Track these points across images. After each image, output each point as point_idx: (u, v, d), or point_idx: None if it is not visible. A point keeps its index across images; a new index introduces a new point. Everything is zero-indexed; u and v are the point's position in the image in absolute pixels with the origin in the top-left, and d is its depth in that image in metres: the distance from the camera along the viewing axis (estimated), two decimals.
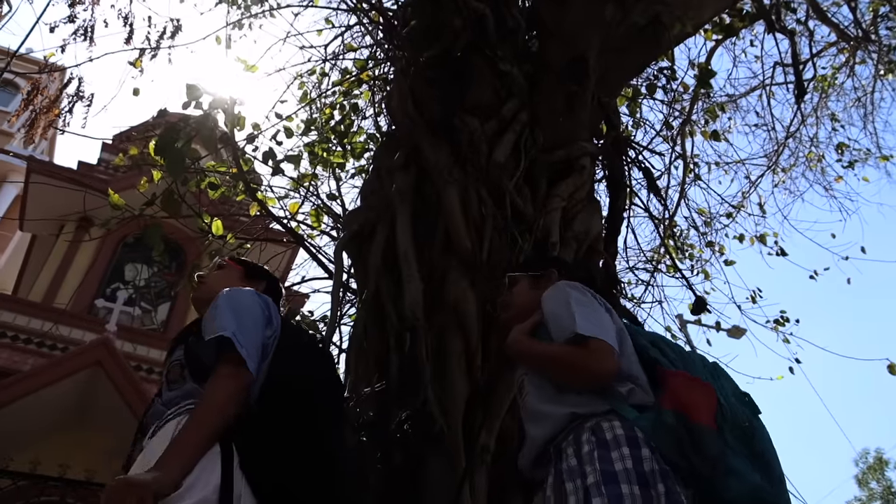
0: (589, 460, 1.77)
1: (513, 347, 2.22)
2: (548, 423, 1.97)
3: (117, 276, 10.45)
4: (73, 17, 4.97)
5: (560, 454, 1.86)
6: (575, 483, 1.74)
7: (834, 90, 9.36)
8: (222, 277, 2.57)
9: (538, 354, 2.12)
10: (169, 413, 2.03)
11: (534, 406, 2.05)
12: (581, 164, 3.78)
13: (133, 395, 6.94)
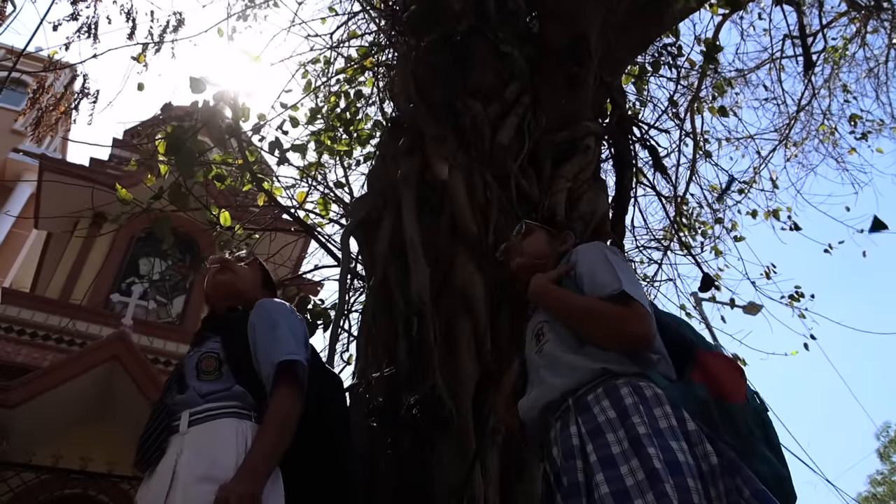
0: (636, 412, 1.70)
1: (542, 292, 2.11)
2: (572, 374, 1.88)
3: (132, 270, 10.54)
4: (76, 15, 4.98)
5: (585, 407, 1.79)
6: (616, 434, 1.67)
7: (846, 61, 9.24)
8: (249, 276, 2.59)
9: (573, 304, 2.01)
10: (211, 408, 2.03)
11: (556, 354, 1.96)
12: (585, 144, 3.76)
13: (150, 388, 7.00)
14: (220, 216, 4.29)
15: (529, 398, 1.98)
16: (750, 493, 1.58)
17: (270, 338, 2.15)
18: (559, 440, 1.79)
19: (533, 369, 2.03)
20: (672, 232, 7.45)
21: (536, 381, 1.98)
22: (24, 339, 8.68)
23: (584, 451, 1.68)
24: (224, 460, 1.86)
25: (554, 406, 1.88)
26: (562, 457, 1.74)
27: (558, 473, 1.74)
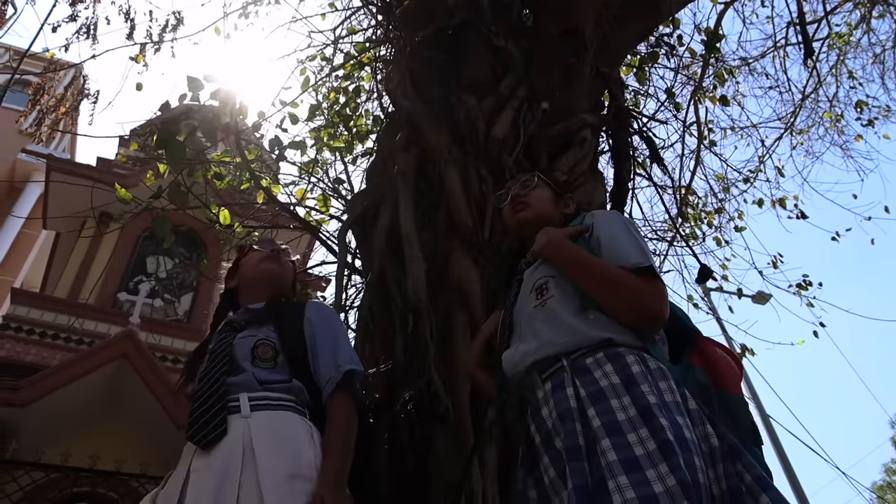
0: (644, 380, 1.62)
1: (559, 247, 1.98)
2: (572, 337, 1.79)
3: (139, 269, 10.60)
4: (74, 16, 5.00)
5: (583, 369, 1.70)
6: (621, 400, 1.59)
7: (851, 48, 9.17)
8: (291, 271, 2.62)
9: (594, 267, 1.88)
10: (269, 396, 2.05)
11: (559, 313, 1.86)
12: (581, 136, 3.75)
13: (158, 386, 7.04)
14: (219, 214, 4.30)
15: (517, 351, 1.89)
16: (752, 478, 1.54)
17: (334, 342, 2.20)
18: (551, 401, 1.70)
19: (527, 323, 1.93)
20: (677, 223, 7.44)
21: (529, 336, 1.89)
22: (34, 339, 8.76)
23: (584, 415, 1.60)
24: (306, 457, 1.90)
25: (544, 364, 1.80)
26: (556, 418, 1.65)
27: (548, 434, 1.67)
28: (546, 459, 1.64)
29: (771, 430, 10.25)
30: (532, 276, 2.06)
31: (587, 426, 1.57)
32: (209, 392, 2.01)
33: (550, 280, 1.96)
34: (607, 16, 4.01)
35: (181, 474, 1.87)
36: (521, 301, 2.03)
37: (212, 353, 2.17)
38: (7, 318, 8.92)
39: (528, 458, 1.74)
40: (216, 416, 1.95)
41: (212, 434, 1.90)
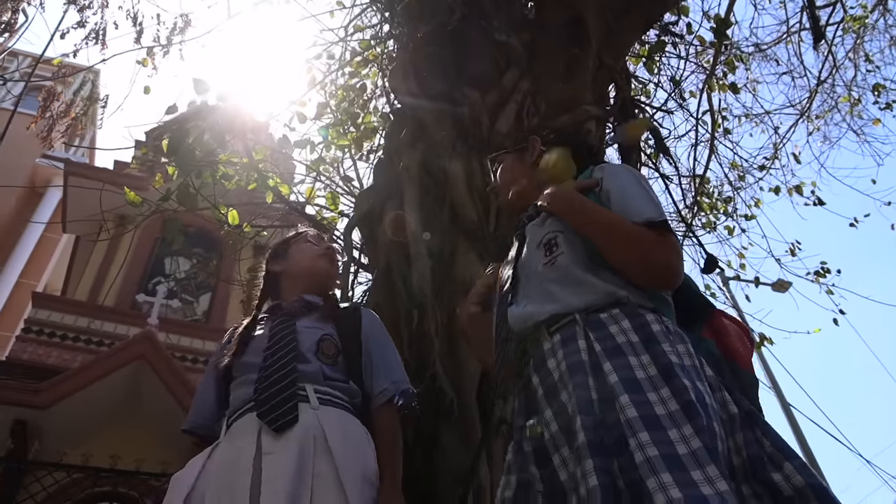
0: (665, 339, 1.54)
1: (568, 201, 1.85)
2: (588, 293, 1.68)
3: (158, 270, 10.70)
4: (83, 22, 5.05)
5: (598, 323, 1.61)
6: (640, 358, 1.49)
7: (867, 30, 9.04)
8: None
9: (607, 221, 1.76)
10: (332, 393, 2.10)
11: (571, 269, 1.74)
12: (586, 128, 3.73)
13: (177, 386, 7.11)
14: (227, 215, 4.34)
15: (526, 310, 1.77)
16: (772, 446, 1.46)
17: (390, 356, 2.32)
18: (560, 352, 1.60)
19: (536, 281, 1.82)
20: (693, 212, 7.38)
21: (540, 295, 1.77)
22: (55, 342, 8.87)
23: (598, 369, 1.49)
24: (371, 463, 1.99)
25: (553, 319, 1.69)
26: (565, 370, 1.55)
27: (553, 387, 1.57)
28: (549, 413, 1.55)
29: (792, 420, 10.14)
30: (538, 231, 1.94)
31: (602, 382, 1.46)
32: (281, 374, 2.04)
33: (560, 235, 1.84)
34: (610, 6, 3.98)
35: (247, 450, 1.87)
36: (526, 256, 1.92)
37: (274, 334, 2.19)
38: (28, 322, 9.04)
39: (526, 409, 1.65)
40: (288, 401, 1.97)
41: (285, 419, 1.92)
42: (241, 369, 2.16)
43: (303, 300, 2.38)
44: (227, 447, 1.95)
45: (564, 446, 1.47)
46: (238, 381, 2.15)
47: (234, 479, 1.81)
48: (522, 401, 1.68)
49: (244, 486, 1.77)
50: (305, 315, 2.31)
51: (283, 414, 1.93)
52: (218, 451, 1.95)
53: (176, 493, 1.87)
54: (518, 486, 1.54)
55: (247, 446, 1.89)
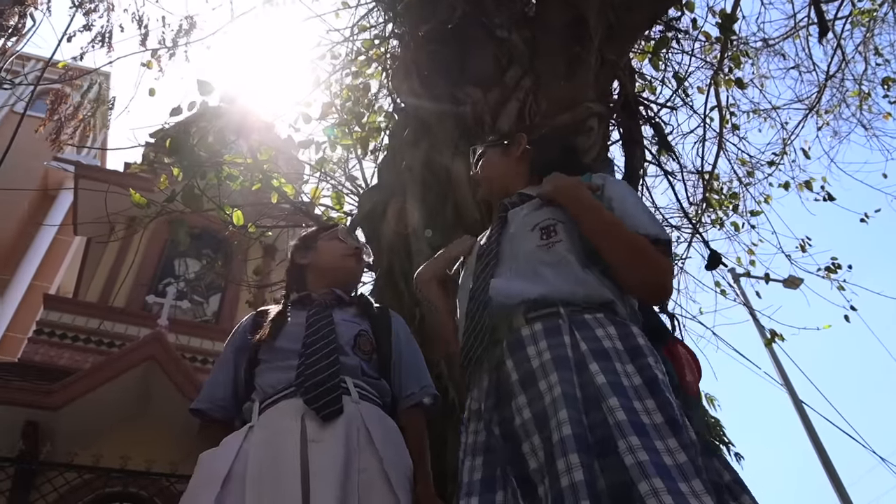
0: (650, 354, 1.56)
1: (577, 195, 1.85)
2: (580, 288, 1.69)
3: (168, 271, 10.75)
4: (89, 26, 5.08)
5: (583, 324, 1.61)
6: (625, 366, 1.50)
7: (877, 24, 8.97)
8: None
9: (614, 224, 1.77)
10: (368, 389, 2.11)
11: (569, 260, 1.75)
12: (588, 125, 3.71)
13: (187, 386, 7.13)
14: (233, 216, 4.35)
15: (511, 283, 1.76)
16: (731, 478, 1.48)
17: (419, 361, 2.35)
18: (542, 342, 1.59)
19: (525, 259, 1.81)
20: (701, 209, 7.35)
21: (529, 274, 1.76)
22: (66, 343, 8.93)
23: (583, 368, 1.50)
24: (408, 461, 2.00)
25: (536, 304, 1.68)
26: (548, 361, 1.53)
27: (531, 374, 1.55)
28: (522, 399, 1.53)
29: (805, 417, 10.08)
30: (530, 215, 1.93)
31: (587, 381, 1.47)
32: (325, 364, 2.03)
33: (560, 224, 1.83)
34: (612, 2, 3.96)
35: (292, 434, 1.86)
36: (514, 236, 1.90)
37: (312, 323, 2.18)
38: (40, 324, 9.10)
39: (497, 391, 1.63)
40: (333, 390, 1.97)
41: (333, 408, 1.92)
42: (274, 353, 2.15)
43: (334, 293, 2.39)
44: (267, 430, 1.92)
45: (535, 434, 1.46)
46: (270, 366, 2.13)
47: (280, 464, 1.79)
48: (493, 381, 1.65)
49: (293, 472, 1.76)
50: (338, 307, 2.33)
51: (331, 402, 1.93)
52: (256, 434, 1.91)
53: (209, 472, 1.83)
54: (485, 468, 1.54)
55: (291, 430, 1.87)
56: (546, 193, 1.93)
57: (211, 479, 1.80)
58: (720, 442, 13.25)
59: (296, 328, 2.20)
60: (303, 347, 2.09)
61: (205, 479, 1.82)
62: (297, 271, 2.55)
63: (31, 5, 5.16)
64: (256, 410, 2.01)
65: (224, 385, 2.25)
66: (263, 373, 2.13)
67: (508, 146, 2.29)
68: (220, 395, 2.23)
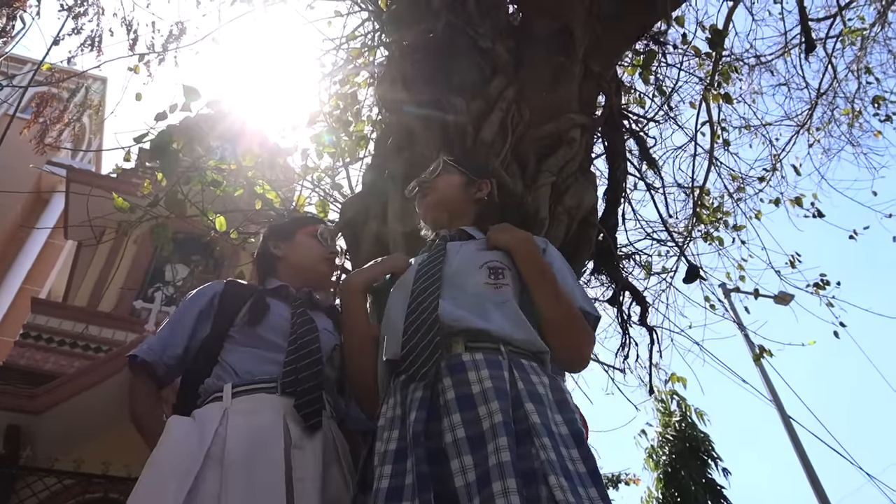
0: (575, 409, 1.70)
1: (533, 251, 1.97)
2: (521, 330, 1.78)
3: (158, 277, 10.74)
4: (78, 29, 5.08)
5: (520, 365, 1.70)
6: (553, 416, 1.61)
7: (868, 42, 9.01)
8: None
9: (561, 290, 1.90)
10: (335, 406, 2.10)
11: (513, 304, 1.84)
12: (571, 136, 3.70)
13: (171, 393, 7.10)
14: (216, 221, 4.34)
15: (459, 311, 1.80)
16: None
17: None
18: (484, 370, 1.65)
19: (472, 293, 1.87)
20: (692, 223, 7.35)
21: (473, 306, 1.82)
22: (53, 347, 8.91)
23: (519, 404, 1.58)
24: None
25: (478, 336, 1.75)
26: (489, 389, 1.59)
27: (469, 398, 1.60)
28: (457, 418, 1.58)
29: (793, 433, 10.07)
30: (474, 254, 2.02)
31: (521, 416, 1.55)
32: (313, 372, 2.00)
33: (507, 270, 1.93)
34: (598, 15, 3.97)
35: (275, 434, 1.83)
36: (457, 268, 1.96)
37: (297, 324, 2.15)
38: (27, 328, 9.09)
39: (429, 406, 1.65)
40: (318, 401, 1.95)
41: (317, 419, 1.91)
42: (255, 340, 2.12)
43: (312, 296, 2.37)
44: (246, 419, 1.88)
45: (468, 455, 1.50)
46: (249, 350, 2.09)
47: (262, 461, 1.76)
48: (427, 396, 1.67)
49: (277, 472, 1.74)
50: (315, 310, 2.30)
51: (316, 413, 1.92)
52: (234, 420, 1.88)
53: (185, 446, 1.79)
54: (394, 478, 1.56)
55: (274, 429, 1.85)
56: (499, 242, 2.02)
57: (190, 451, 1.77)
58: (709, 457, 13.26)
59: (280, 321, 2.18)
60: (290, 346, 2.07)
61: (182, 450, 1.79)
62: (270, 260, 2.52)
63: (21, 7, 5.16)
64: (229, 393, 1.96)
65: (177, 344, 2.20)
66: (239, 354, 2.09)
67: (472, 182, 2.37)
68: (171, 353, 2.18)
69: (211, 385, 2.03)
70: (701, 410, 13.80)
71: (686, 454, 13.04)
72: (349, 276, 2.25)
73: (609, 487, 13.97)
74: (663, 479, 13.16)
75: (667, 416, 13.87)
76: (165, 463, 1.77)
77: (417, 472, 1.49)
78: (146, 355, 2.18)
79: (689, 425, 13.57)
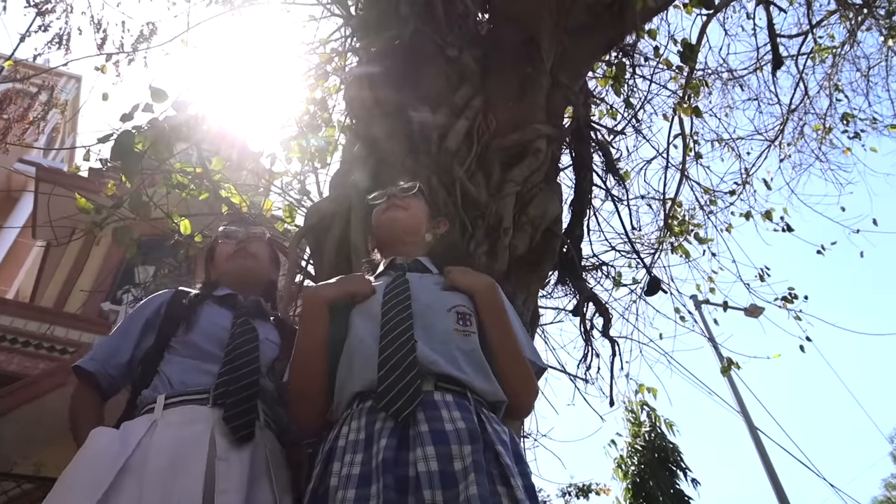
0: (527, 461, 1.78)
1: (498, 299, 2.03)
2: (487, 381, 1.84)
3: (128, 279, 10.61)
4: (45, 27, 5.01)
5: (483, 412, 1.75)
6: (513, 467, 1.63)
7: (840, 60, 9.14)
8: (268, 256, 2.57)
9: (517, 340, 1.99)
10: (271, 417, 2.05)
11: (479, 353, 1.88)
12: (536, 147, 3.71)
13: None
14: (180, 225, 4.29)
15: (433, 355, 1.82)
16: None
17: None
18: (455, 412, 1.69)
19: (442, 337, 1.88)
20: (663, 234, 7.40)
21: (443, 351, 1.85)
22: (17, 348, 8.76)
23: (490, 447, 1.64)
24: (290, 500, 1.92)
25: (449, 380, 1.79)
26: (463, 430, 1.63)
27: (442, 434, 1.63)
28: (431, 450, 1.59)
29: (759, 445, 10.15)
30: (439, 292, 2.04)
31: (491, 458, 1.61)
32: (247, 383, 1.96)
33: (472, 316, 1.97)
34: (567, 26, 3.98)
35: (199, 446, 1.79)
36: (427, 305, 1.97)
37: (237, 335, 2.11)
38: None
39: (399, 435, 1.66)
40: (250, 412, 1.91)
41: (248, 431, 1.87)
42: (191, 349, 2.08)
43: (259, 304, 2.34)
44: (173, 431, 1.84)
45: (439, 489, 1.52)
46: (185, 362, 2.05)
47: (183, 473, 1.72)
48: (397, 425, 1.67)
49: (197, 485, 1.69)
50: (259, 318, 2.26)
51: (246, 425, 1.87)
52: (160, 432, 1.83)
53: (104, 456, 1.75)
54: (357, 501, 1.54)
55: (199, 441, 1.81)
56: (461, 284, 2.05)
57: (105, 463, 1.72)
58: (678, 467, 13.33)
59: (218, 330, 2.14)
60: (226, 356, 2.03)
61: (99, 462, 1.75)
62: (210, 278, 2.52)
63: None
64: (161, 404, 1.93)
65: (122, 353, 2.16)
66: (175, 365, 2.05)
67: (434, 218, 2.45)
68: (115, 362, 2.15)
69: (146, 396, 2.00)
70: (670, 421, 13.88)
71: (655, 464, 13.10)
72: (316, 287, 2.22)
73: (579, 497, 14.02)
74: (632, 489, 13.20)
75: (636, 426, 13.93)
76: (76, 476, 1.74)
77: (384, 499, 1.49)
78: (88, 365, 2.15)
79: (659, 435, 13.63)
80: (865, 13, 8.64)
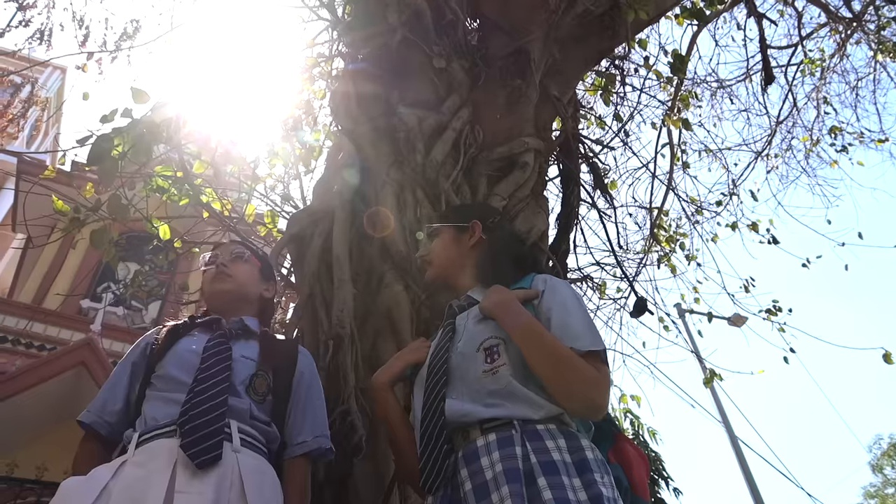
0: (598, 469, 1.61)
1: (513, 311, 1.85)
2: (528, 408, 1.70)
3: (109, 276, 10.49)
4: (26, 22, 4.91)
5: (535, 434, 1.64)
6: (571, 480, 1.54)
7: (828, 73, 9.17)
8: (249, 274, 2.48)
9: (545, 344, 1.76)
10: (253, 435, 1.99)
11: (516, 385, 1.74)
12: (523, 160, 3.66)
13: None
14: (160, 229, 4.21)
15: (463, 406, 1.76)
16: None
17: (317, 406, 2.23)
18: (496, 453, 1.62)
19: (473, 384, 1.80)
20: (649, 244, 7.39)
21: (475, 397, 1.77)
22: None
23: (532, 481, 1.53)
24: None
25: (492, 420, 1.71)
26: (500, 473, 1.56)
27: (484, 486, 1.57)
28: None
29: (740, 455, 10.17)
30: (474, 329, 1.93)
31: (534, 494, 1.51)
32: (211, 405, 1.89)
33: (501, 345, 1.84)
34: (557, 38, 3.93)
35: (158, 482, 1.71)
36: (461, 352, 1.90)
37: (209, 356, 2.05)
38: None
39: (447, 499, 1.64)
40: (214, 435, 1.83)
41: (208, 456, 1.78)
42: (164, 381, 2.02)
43: (242, 323, 2.27)
44: (135, 471, 1.76)
45: None
46: (159, 395, 1.99)
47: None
48: (447, 492, 1.65)
49: None
50: (243, 338, 2.20)
51: (209, 449, 1.79)
52: (126, 472, 1.76)
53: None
54: None
55: (159, 478, 1.73)
56: (486, 312, 1.93)
57: None
58: (660, 476, 13.35)
59: (192, 356, 2.08)
60: (193, 382, 1.96)
61: None
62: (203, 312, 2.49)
63: None
64: (133, 443, 1.87)
65: (116, 399, 2.11)
66: (151, 400, 2.00)
67: (463, 233, 2.25)
68: (110, 409, 2.09)
69: (126, 438, 1.95)
70: (653, 430, 13.90)
71: None
72: (375, 375, 2.17)
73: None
74: None
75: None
76: None
77: None
78: (84, 418, 2.11)
79: (642, 444, 13.65)
80: (855, 26, 8.66)
